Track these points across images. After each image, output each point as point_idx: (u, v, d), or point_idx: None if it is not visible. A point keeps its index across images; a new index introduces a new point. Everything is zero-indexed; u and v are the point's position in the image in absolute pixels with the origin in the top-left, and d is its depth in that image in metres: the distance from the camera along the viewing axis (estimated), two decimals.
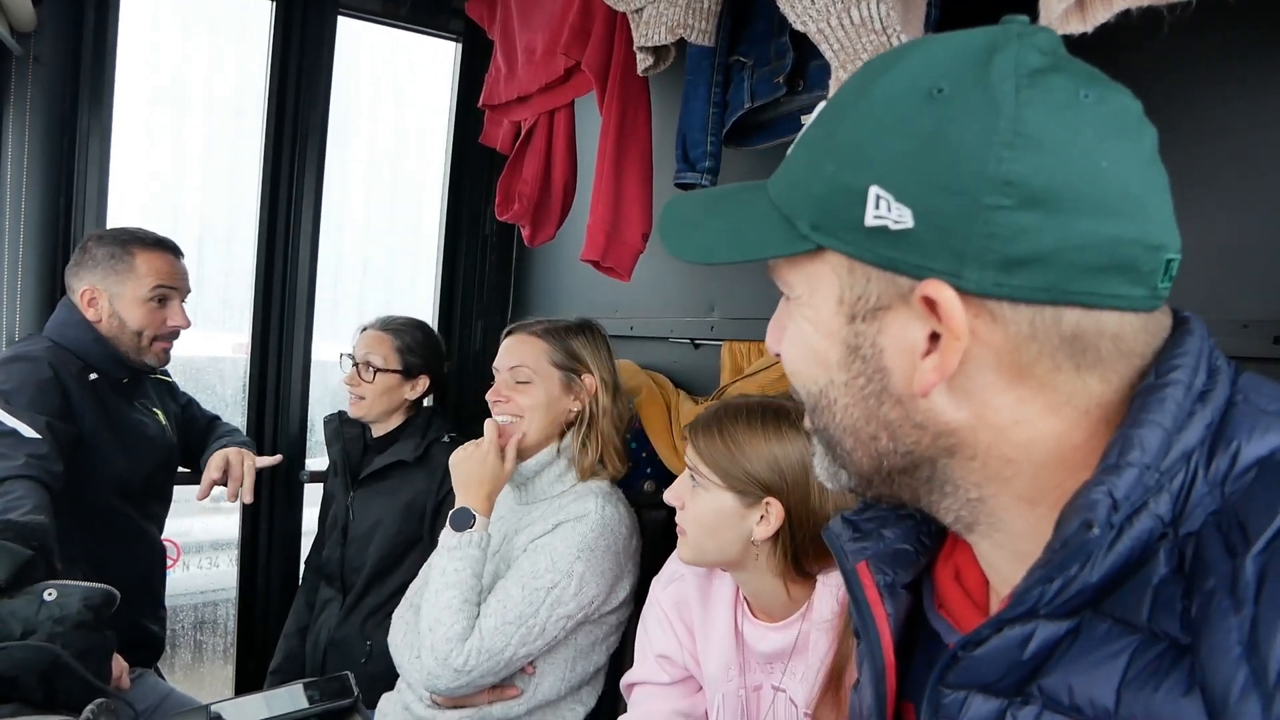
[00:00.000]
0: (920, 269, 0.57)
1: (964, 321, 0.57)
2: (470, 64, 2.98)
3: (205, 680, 3.16)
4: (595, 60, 1.91)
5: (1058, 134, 0.55)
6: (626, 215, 1.93)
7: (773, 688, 1.39)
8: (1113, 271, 0.56)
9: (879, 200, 0.57)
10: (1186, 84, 1.20)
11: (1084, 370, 0.58)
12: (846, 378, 0.64)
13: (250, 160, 2.72)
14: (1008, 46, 0.57)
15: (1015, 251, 0.55)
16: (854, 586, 0.76)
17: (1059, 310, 0.57)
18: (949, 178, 0.55)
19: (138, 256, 2.03)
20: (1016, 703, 0.59)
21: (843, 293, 0.62)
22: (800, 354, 0.67)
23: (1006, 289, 0.56)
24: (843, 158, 0.59)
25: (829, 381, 0.65)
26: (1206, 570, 0.52)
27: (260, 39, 2.67)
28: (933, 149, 0.56)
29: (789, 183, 0.65)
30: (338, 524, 2.38)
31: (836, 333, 0.63)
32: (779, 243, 0.64)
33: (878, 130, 0.58)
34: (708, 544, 1.37)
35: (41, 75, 2.29)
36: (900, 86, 0.58)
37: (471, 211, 3.08)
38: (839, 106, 0.62)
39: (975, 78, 0.56)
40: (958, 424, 0.61)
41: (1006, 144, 0.54)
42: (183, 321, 2.10)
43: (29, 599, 1.32)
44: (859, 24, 1.18)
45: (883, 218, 0.57)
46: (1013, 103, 0.55)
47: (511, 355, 1.85)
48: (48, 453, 1.76)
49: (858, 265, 0.60)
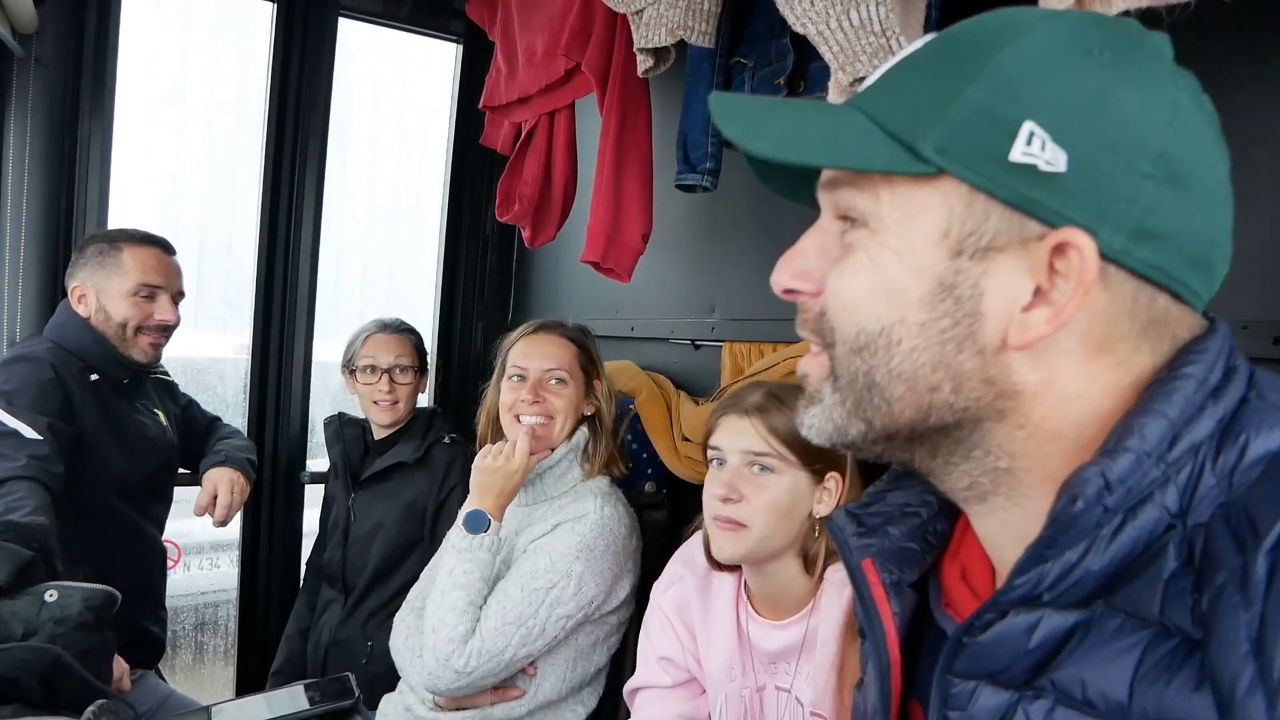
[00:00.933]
0: (1059, 216, 0.56)
1: (1094, 276, 0.56)
2: (471, 65, 2.98)
3: (206, 681, 3.16)
4: (595, 62, 1.91)
5: (1199, 124, 0.58)
6: (627, 216, 1.93)
7: (777, 688, 1.39)
8: (1203, 267, 0.59)
9: (1032, 137, 0.56)
10: None
11: (1154, 357, 0.60)
12: (926, 317, 0.60)
13: (251, 161, 2.72)
14: (1151, 35, 0.60)
15: (1149, 223, 0.56)
16: (859, 583, 0.75)
17: (1157, 292, 0.58)
18: (1113, 134, 0.56)
19: (125, 252, 2.03)
20: (1028, 696, 0.59)
21: (950, 225, 0.59)
22: (865, 286, 0.62)
23: (1131, 258, 0.57)
24: (996, 88, 0.57)
25: (898, 320, 0.61)
26: (1216, 564, 0.52)
27: (261, 40, 2.68)
28: (1100, 102, 0.56)
29: (904, 103, 0.61)
30: (339, 525, 2.38)
31: (930, 268, 0.59)
32: (887, 158, 0.59)
33: (1042, 70, 0.57)
34: (779, 530, 1.32)
35: (43, 77, 2.29)
36: (1062, 37, 0.58)
37: (472, 212, 3.08)
38: (977, 42, 0.60)
39: (1135, 50, 0.58)
40: (1025, 386, 0.60)
41: (1168, 119, 0.56)
42: (170, 316, 2.08)
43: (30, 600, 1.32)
44: (858, 26, 1.18)
45: (1033, 156, 0.56)
46: (1171, 84, 0.57)
47: (548, 357, 1.84)
48: (49, 454, 1.76)
49: (981, 199, 0.58)
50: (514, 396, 1.83)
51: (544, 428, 1.81)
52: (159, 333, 2.09)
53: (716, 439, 1.37)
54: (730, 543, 1.33)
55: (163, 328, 2.09)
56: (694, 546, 1.55)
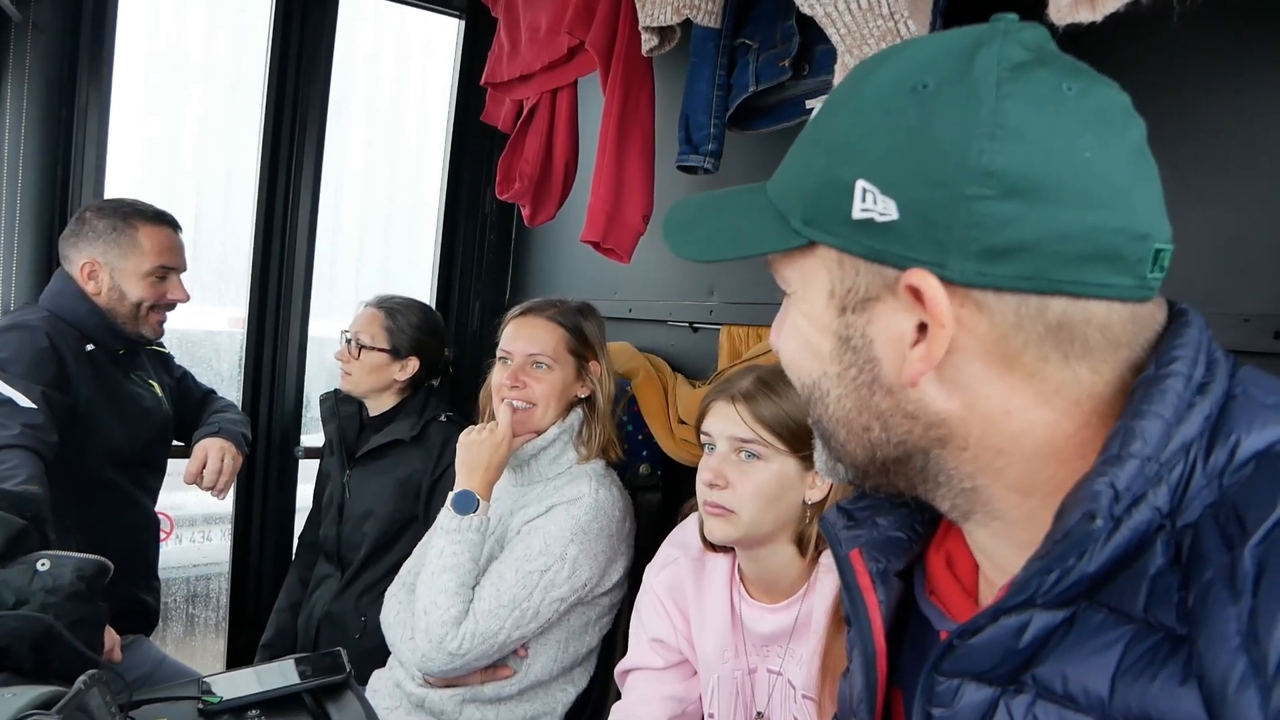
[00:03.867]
0: (905, 259, 0.59)
1: (948, 310, 0.58)
2: (473, 41, 2.96)
3: (197, 653, 3.17)
4: (599, 40, 1.90)
5: (1039, 125, 0.56)
6: (628, 197, 1.92)
7: (768, 670, 1.39)
8: (1098, 261, 0.56)
9: (865, 193, 0.59)
10: (1191, 76, 1.20)
11: (1073, 360, 0.59)
12: (839, 369, 0.65)
13: (249, 133, 2.70)
14: (992, 43, 0.58)
15: (998, 241, 0.56)
16: (846, 573, 0.76)
17: (1045, 299, 0.57)
18: (931, 169, 0.57)
19: (140, 231, 2.02)
20: (1010, 691, 0.59)
21: (834, 285, 0.63)
22: (796, 347, 0.69)
23: (990, 278, 0.57)
24: (832, 153, 0.62)
25: (822, 373, 0.67)
26: (1204, 562, 0.52)
27: (261, 12, 2.65)
28: (916, 142, 0.58)
29: (785, 181, 0.67)
30: (334, 502, 2.38)
31: (829, 325, 0.65)
32: (774, 239, 0.66)
33: (865, 125, 0.60)
34: (767, 516, 1.32)
35: (40, 42, 2.27)
36: (888, 83, 0.60)
37: (471, 190, 3.06)
38: (833, 104, 0.65)
39: (959, 73, 0.58)
40: (948, 414, 0.62)
41: (987, 135, 0.56)
42: (182, 295, 2.11)
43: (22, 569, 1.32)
44: (866, 8, 1.18)
45: (869, 210, 0.59)
46: (993, 95, 0.56)
47: (531, 341, 1.83)
48: (43, 423, 1.76)
49: (846, 258, 0.62)
50: (499, 379, 1.84)
51: (525, 412, 1.81)
52: (167, 310, 2.12)
53: (707, 424, 1.38)
54: (720, 526, 1.34)
55: (172, 305, 2.11)
56: (688, 529, 1.56)
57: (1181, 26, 0.98)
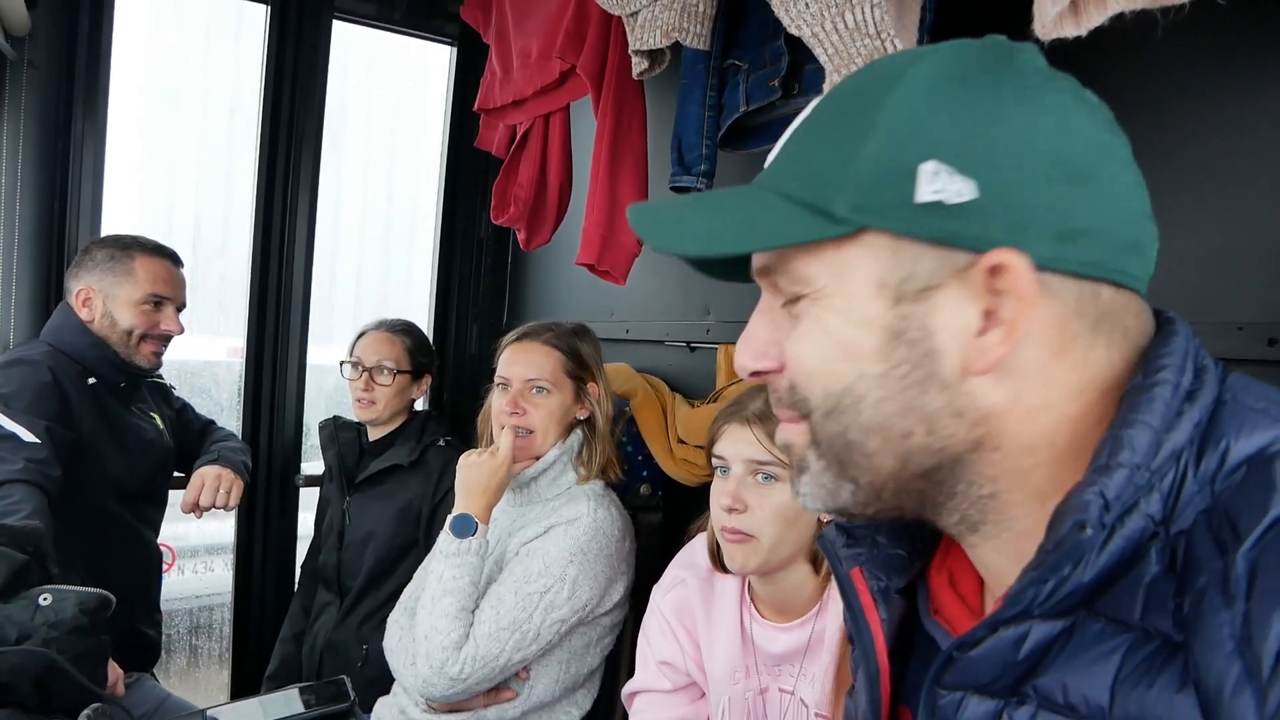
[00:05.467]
0: (983, 241, 0.58)
1: (1034, 288, 0.57)
2: (465, 68, 2.98)
3: (201, 685, 3.16)
4: (590, 64, 1.91)
5: (1084, 118, 0.60)
6: (622, 219, 1.92)
7: (780, 690, 1.39)
8: (1134, 250, 0.60)
9: (936, 174, 0.58)
10: (1180, 86, 1.21)
11: (1111, 350, 0.60)
12: (883, 368, 0.61)
13: (245, 164, 2.71)
14: (1020, 49, 0.62)
15: (1069, 225, 0.58)
16: (848, 592, 0.76)
17: (1097, 286, 0.59)
18: (1012, 150, 0.58)
19: (137, 260, 2.04)
20: (1012, 703, 0.59)
21: (884, 275, 0.60)
22: (819, 352, 0.63)
23: (1062, 261, 0.58)
24: (889, 136, 0.59)
25: (858, 376, 0.62)
26: (1198, 568, 0.52)
27: (255, 43, 2.67)
28: (993, 124, 0.58)
29: (808, 171, 0.63)
30: (334, 529, 2.38)
31: (875, 319, 0.61)
32: (807, 229, 0.61)
33: (928, 109, 0.59)
34: (787, 538, 1.31)
35: (36, 79, 2.28)
36: (939, 73, 0.60)
37: (467, 215, 3.08)
38: (862, 95, 0.62)
39: (1010, 67, 0.60)
40: (992, 409, 0.60)
41: (1056, 123, 0.59)
42: (175, 328, 2.11)
43: (24, 604, 1.32)
44: (853, 28, 1.19)
45: (940, 192, 0.58)
46: (1052, 90, 0.60)
47: (529, 366, 1.83)
48: (46, 457, 1.76)
49: (906, 244, 0.59)
50: (499, 405, 1.84)
51: (525, 439, 1.81)
52: (161, 342, 2.11)
53: (720, 447, 1.36)
54: (742, 554, 1.32)
55: (166, 337, 2.11)
56: (695, 549, 1.55)
57: (1166, 39, 0.99)
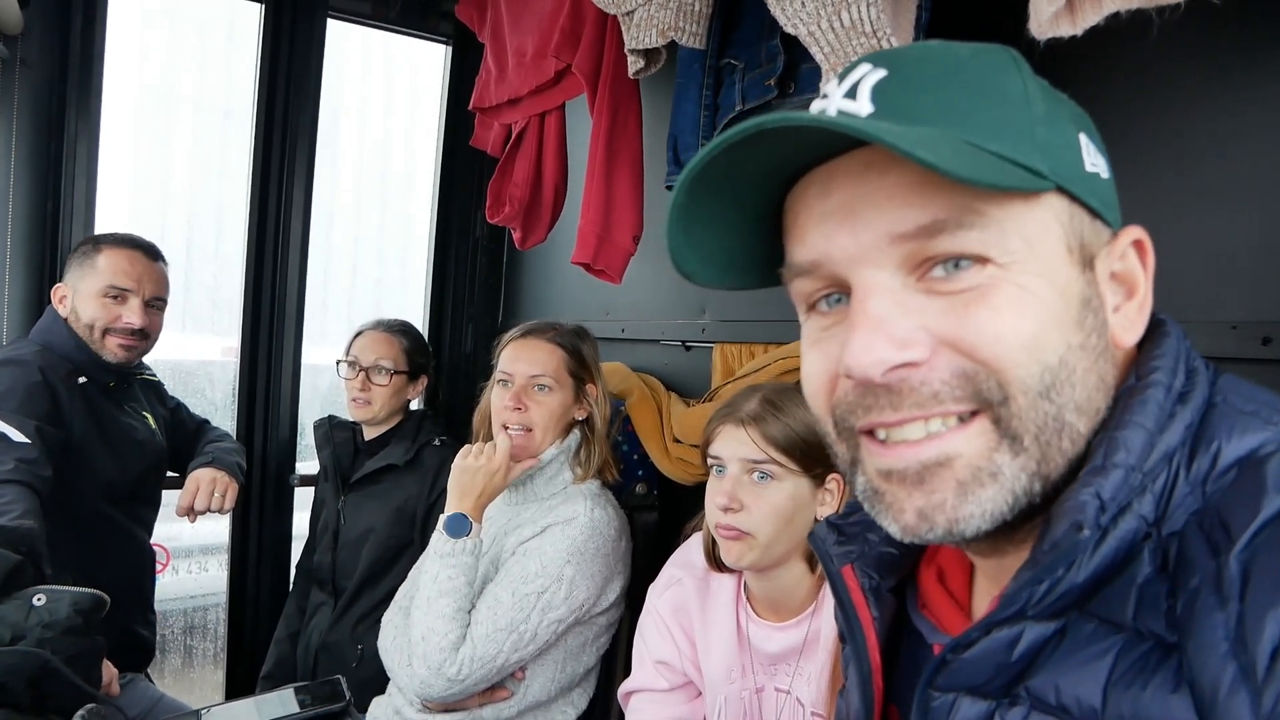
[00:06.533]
0: (1113, 217, 0.61)
1: None
2: (460, 66, 2.98)
3: (195, 685, 3.15)
4: (586, 63, 1.91)
5: None
6: (618, 218, 1.93)
7: (776, 689, 1.39)
8: None
9: (1088, 147, 0.60)
10: (1174, 86, 1.21)
11: None
12: (1082, 338, 0.57)
13: (239, 162, 2.71)
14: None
15: None
16: (840, 590, 0.76)
17: None
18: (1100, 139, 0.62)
19: (102, 253, 2.02)
20: (1004, 704, 0.59)
21: (1069, 240, 0.58)
22: (1035, 320, 0.56)
23: None
24: (1046, 108, 0.59)
25: (1067, 347, 0.56)
26: (1191, 569, 0.52)
27: (249, 42, 2.67)
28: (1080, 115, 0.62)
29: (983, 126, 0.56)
30: (329, 528, 2.37)
31: (1071, 285, 0.57)
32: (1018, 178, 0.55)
33: (1046, 90, 0.61)
34: (782, 536, 1.32)
35: (29, 78, 2.28)
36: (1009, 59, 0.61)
37: (462, 214, 3.07)
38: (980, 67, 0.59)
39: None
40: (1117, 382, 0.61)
41: None
42: (138, 320, 2.03)
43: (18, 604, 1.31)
44: (849, 27, 1.19)
45: (1095, 166, 0.60)
46: None
47: (533, 363, 1.82)
48: (37, 457, 1.75)
49: (1078, 210, 0.59)
50: (499, 401, 1.83)
51: (523, 437, 1.80)
52: (126, 335, 2.04)
53: (715, 448, 1.37)
54: (737, 551, 1.33)
55: (129, 331, 2.04)
56: (691, 548, 1.55)
57: (1161, 39, 0.99)
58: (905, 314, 0.56)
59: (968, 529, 0.56)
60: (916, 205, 0.55)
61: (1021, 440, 0.55)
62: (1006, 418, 0.55)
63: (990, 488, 0.56)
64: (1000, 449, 0.56)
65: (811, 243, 0.60)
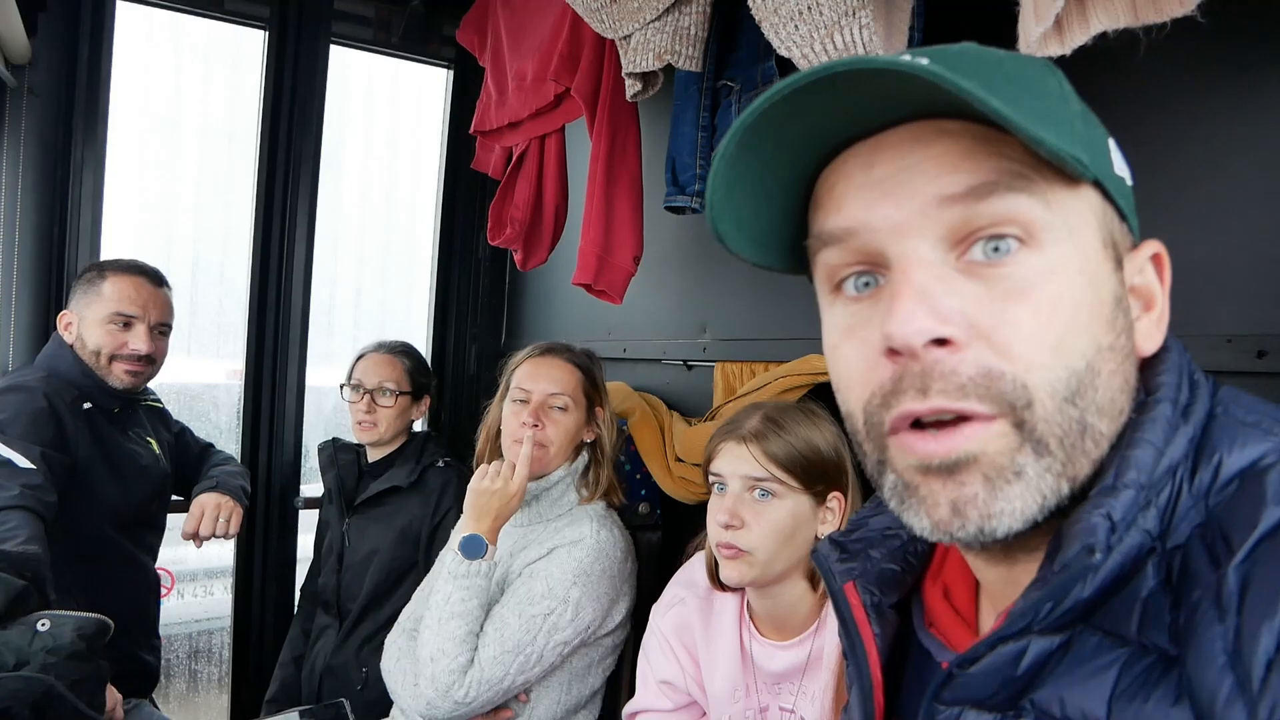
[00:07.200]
0: (1136, 225, 0.62)
1: None
2: (461, 90, 3.01)
3: (200, 710, 3.14)
4: (585, 86, 1.93)
5: None
6: (618, 238, 1.94)
7: (780, 708, 1.38)
8: None
9: (1115, 152, 0.60)
10: (1163, 103, 1.22)
11: None
12: (1112, 339, 0.56)
13: (244, 187, 2.73)
14: None
15: None
16: (841, 607, 0.76)
17: None
18: None
19: (108, 280, 2.04)
20: (1010, 717, 0.59)
21: (1105, 235, 0.57)
22: (1069, 317, 0.54)
23: None
24: (1081, 108, 0.59)
25: (1096, 349, 0.55)
26: (1192, 582, 0.52)
27: (253, 68, 2.69)
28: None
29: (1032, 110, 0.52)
30: (333, 551, 2.37)
31: (1106, 282, 0.56)
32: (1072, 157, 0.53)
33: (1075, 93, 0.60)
34: (783, 554, 1.32)
35: (36, 107, 2.30)
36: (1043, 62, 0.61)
37: (464, 236, 3.10)
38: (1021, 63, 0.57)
39: None
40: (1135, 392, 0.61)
41: None
42: (144, 347, 2.04)
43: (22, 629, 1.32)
44: (842, 49, 1.20)
45: (1122, 171, 0.60)
46: None
47: (552, 381, 1.82)
48: (42, 483, 1.76)
49: (1109, 210, 0.58)
50: (515, 419, 1.80)
51: (538, 453, 1.79)
52: (133, 361, 2.05)
53: (717, 465, 1.37)
54: (736, 569, 1.33)
55: (136, 357, 2.05)
56: (694, 567, 1.55)
57: (1149, 57, 1.00)
58: (947, 293, 0.55)
59: (999, 527, 0.55)
60: (966, 170, 0.55)
61: (1047, 444, 0.54)
62: (1031, 421, 0.54)
63: (1017, 485, 0.54)
64: (1023, 450, 0.54)
65: (849, 211, 0.58)
